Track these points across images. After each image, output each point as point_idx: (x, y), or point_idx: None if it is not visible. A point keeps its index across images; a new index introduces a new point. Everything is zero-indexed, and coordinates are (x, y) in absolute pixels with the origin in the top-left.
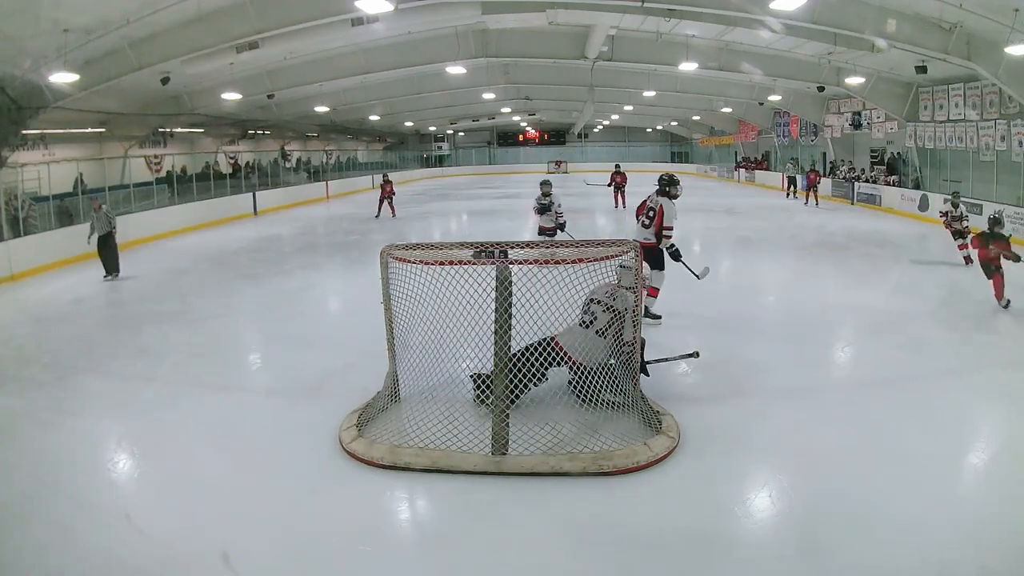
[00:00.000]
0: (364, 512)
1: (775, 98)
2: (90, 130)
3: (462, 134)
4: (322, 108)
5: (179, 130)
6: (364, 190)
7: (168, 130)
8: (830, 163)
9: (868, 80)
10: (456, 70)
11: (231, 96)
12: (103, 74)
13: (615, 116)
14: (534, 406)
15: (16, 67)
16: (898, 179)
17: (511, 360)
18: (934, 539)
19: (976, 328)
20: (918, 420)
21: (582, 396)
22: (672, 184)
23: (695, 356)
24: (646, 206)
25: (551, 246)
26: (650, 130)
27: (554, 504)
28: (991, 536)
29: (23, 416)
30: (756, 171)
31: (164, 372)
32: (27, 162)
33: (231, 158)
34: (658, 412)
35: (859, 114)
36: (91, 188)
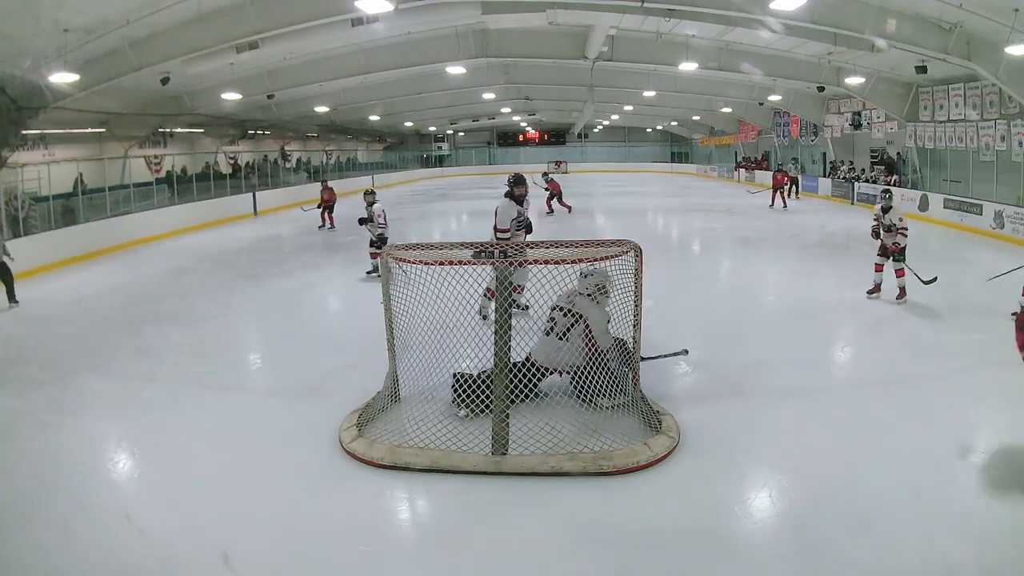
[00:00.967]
0: (364, 512)
1: (775, 98)
2: (90, 130)
3: (462, 134)
4: (322, 108)
5: (179, 130)
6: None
7: (168, 130)
8: (830, 163)
9: (868, 80)
10: (456, 70)
11: (231, 96)
12: (103, 74)
13: (615, 116)
14: (534, 406)
15: (16, 67)
16: (898, 179)
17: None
18: (934, 539)
19: (976, 328)
20: (918, 420)
21: (583, 397)
22: (517, 184)
23: (685, 353)
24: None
25: (552, 246)
26: (650, 130)
27: (554, 504)
28: (991, 536)
29: (23, 416)
30: (756, 171)
31: (164, 372)
32: (27, 162)
33: (231, 158)
34: (658, 412)
35: (859, 114)
36: (91, 188)
